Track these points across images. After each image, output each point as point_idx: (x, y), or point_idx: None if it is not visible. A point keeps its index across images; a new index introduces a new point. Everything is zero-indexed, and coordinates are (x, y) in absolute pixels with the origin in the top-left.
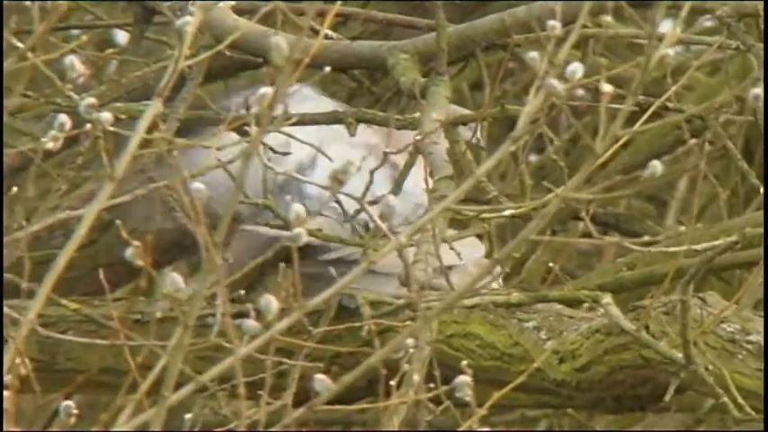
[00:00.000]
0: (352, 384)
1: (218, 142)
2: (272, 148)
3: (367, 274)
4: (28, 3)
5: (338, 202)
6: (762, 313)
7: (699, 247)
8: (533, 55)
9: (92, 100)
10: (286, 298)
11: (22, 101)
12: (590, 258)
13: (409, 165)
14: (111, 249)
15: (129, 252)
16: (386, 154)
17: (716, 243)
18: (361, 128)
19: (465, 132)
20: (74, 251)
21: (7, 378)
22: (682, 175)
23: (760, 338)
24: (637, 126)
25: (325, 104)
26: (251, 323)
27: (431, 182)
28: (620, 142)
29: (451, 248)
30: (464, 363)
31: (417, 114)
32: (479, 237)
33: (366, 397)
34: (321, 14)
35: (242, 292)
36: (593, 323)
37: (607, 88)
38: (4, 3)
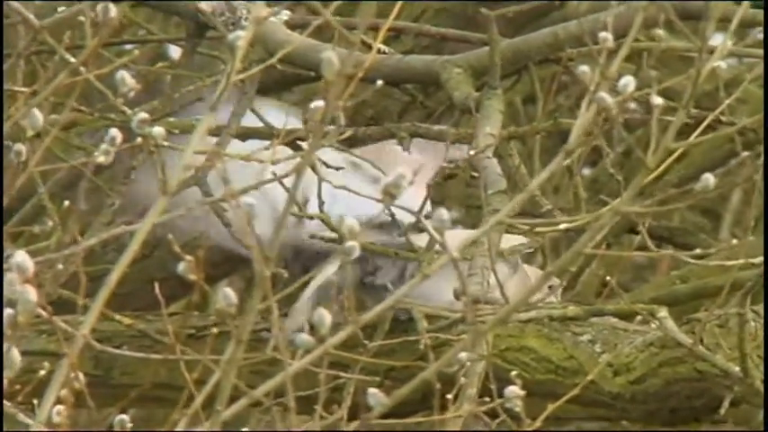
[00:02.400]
0: (407, 398)
1: (270, 156)
2: (325, 163)
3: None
4: (81, 18)
5: (392, 215)
6: None
7: (756, 260)
8: (584, 68)
9: (144, 115)
10: (340, 311)
11: (74, 115)
12: (644, 271)
13: (464, 180)
14: (164, 264)
15: (181, 266)
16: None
17: None
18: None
19: None
20: (127, 266)
21: (62, 392)
22: (735, 188)
23: None
24: (690, 139)
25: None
26: (304, 337)
27: (485, 196)
28: (674, 156)
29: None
30: (513, 373)
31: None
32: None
33: (420, 411)
34: (373, 29)
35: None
36: (647, 336)
37: (658, 101)
38: (56, 16)
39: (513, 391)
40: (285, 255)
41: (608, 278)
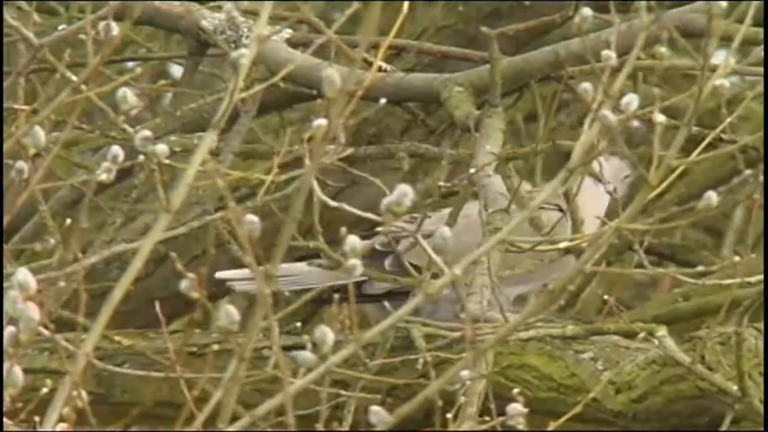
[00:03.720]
0: (408, 416)
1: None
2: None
3: None
4: (82, 36)
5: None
6: None
7: (753, 279)
8: (586, 86)
9: (147, 132)
10: (342, 330)
11: (76, 133)
12: (646, 289)
13: (464, 198)
14: (166, 282)
15: (183, 284)
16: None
17: None
18: None
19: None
20: (129, 284)
21: (65, 410)
22: (737, 206)
23: None
24: (692, 157)
25: None
26: (306, 355)
27: (485, 215)
28: (676, 173)
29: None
30: (515, 391)
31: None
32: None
33: (422, 429)
34: (375, 47)
35: (298, 324)
36: (649, 354)
37: (660, 118)
38: (57, 34)
39: (516, 408)
40: None
41: (606, 297)
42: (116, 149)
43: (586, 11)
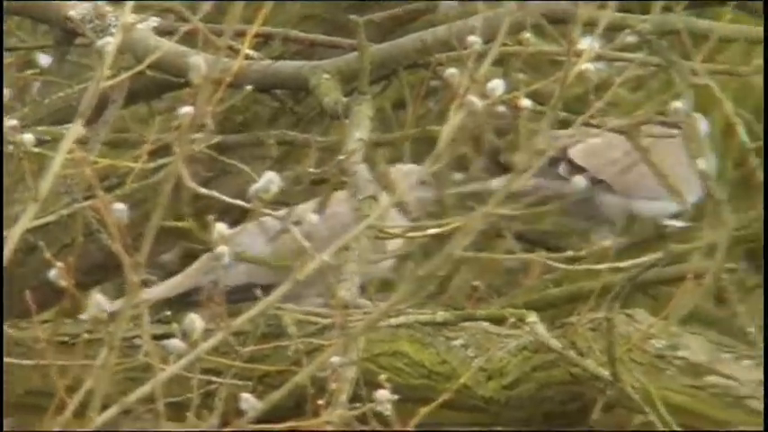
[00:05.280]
0: (280, 403)
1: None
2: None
3: None
4: None
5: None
6: (690, 329)
7: (624, 264)
8: (452, 71)
9: (14, 122)
10: (212, 318)
11: None
12: (516, 276)
13: (334, 186)
14: (36, 272)
15: (52, 273)
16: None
17: (642, 259)
18: None
19: None
20: None
21: None
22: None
23: (688, 354)
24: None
25: None
26: (176, 343)
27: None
28: (543, 158)
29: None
30: (382, 377)
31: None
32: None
33: (294, 416)
34: (241, 35)
35: (168, 312)
36: (520, 340)
37: (525, 103)
38: None
39: (384, 394)
40: None
41: (476, 282)
42: None
43: None
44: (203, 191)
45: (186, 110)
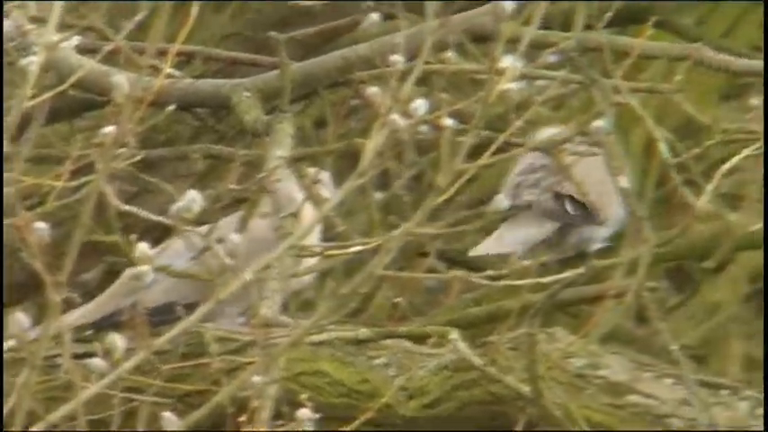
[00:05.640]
0: (200, 421)
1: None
2: None
3: None
4: None
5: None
6: (610, 349)
7: (545, 280)
8: (374, 90)
9: None
10: (133, 337)
11: None
12: (436, 295)
13: (254, 204)
14: None
15: None
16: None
17: (562, 275)
18: None
19: None
20: None
21: None
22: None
23: (608, 373)
24: (481, 161)
25: None
26: (98, 362)
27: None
28: (464, 177)
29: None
30: (304, 396)
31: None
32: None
33: None
34: (163, 53)
35: (89, 331)
36: (441, 360)
37: (448, 122)
38: None
39: (305, 413)
40: None
41: (397, 299)
42: None
43: (374, 15)
44: (127, 208)
45: (109, 129)
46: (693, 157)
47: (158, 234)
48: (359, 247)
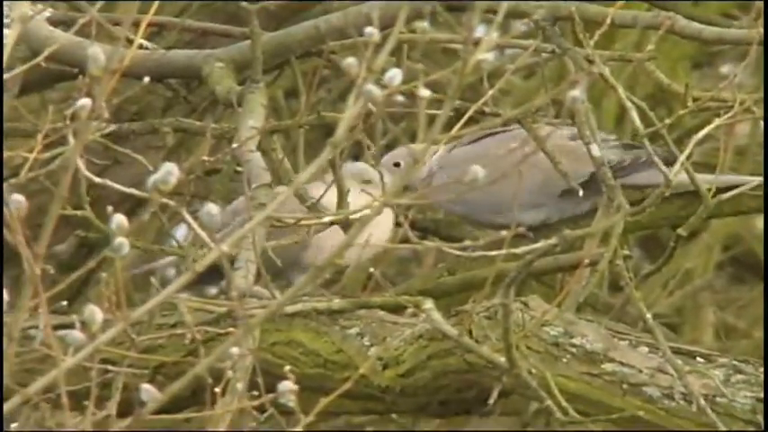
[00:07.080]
0: (178, 393)
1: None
2: None
3: None
4: None
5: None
6: (584, 317)
7: (518, 250)
8: (350, 61)
9: None
10: (110, 308)
11: None
12: (409, 265)
13: (227, 174)
14: None
15: None
16: None
17: (536, 246)
18: None
19: None
20: None
21: None
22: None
23: (584, 341)
24: (454, 131)
25: None
26: (76, 334)
27: (249, 190)
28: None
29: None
30: (287, 368)
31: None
32: None
33: (191, 406)
34: (135, 24)
35: (65, 303)
36: (416, 329)
37: (424, 93)
38: None
39: (287, 385)
40: None
41: (372, 270)
42: None
43: None
44: (99, 180)
45: (84, 101)
46: (666, 126)
47: (130, 206)
48: (332, 218)
